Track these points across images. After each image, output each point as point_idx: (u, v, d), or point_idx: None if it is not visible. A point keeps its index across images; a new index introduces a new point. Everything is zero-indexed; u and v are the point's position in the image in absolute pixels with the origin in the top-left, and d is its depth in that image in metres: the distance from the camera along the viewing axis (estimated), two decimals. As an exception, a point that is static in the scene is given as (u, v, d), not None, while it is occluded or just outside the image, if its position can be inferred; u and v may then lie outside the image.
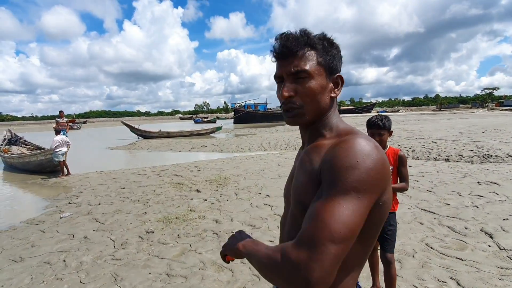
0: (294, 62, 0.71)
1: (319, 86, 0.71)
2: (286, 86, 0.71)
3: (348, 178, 0.57)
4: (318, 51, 0.72)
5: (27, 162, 8.25)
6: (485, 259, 2.54)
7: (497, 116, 25.24)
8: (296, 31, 0.74)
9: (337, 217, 0.54)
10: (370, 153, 0.59)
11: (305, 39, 0.72)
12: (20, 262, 2.95)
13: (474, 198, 4.14)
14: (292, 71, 0.71)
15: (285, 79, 0.72)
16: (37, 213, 4.61)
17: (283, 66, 0.73)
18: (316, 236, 0.54)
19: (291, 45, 0.71)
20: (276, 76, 0.76)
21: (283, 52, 0.72)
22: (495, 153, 7.30)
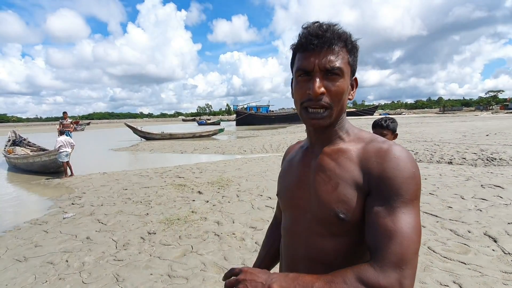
0: (329, 57, 0.64)
1: (346, 86, 0.68)
2: (319, 82, 0.64)
3: (411, 189, 0.58)
4: (348, 50, 0.68)
5: (31, 163, 8.32)
6: (489, 263, 2.51)
7: (502, 119, 25.08)
8: (329, 23, 0.67)
9: (414, 229, 0.56)
10: (414, 160, 0.62)
11: (341, 34, 0.66)
12: (24, 261, 2.97)
13: (478, 202, 4.11)
14: (327, 67, 0.64)
15: (316, 73, 0.65)
16: (41, 214, 4.65)
17: (316, 59, 0.64)
18: (403, 254, 0.54)
19: (330, 36, 0.64)
20: (300, 69, 0.67)
21: (320, 42, 0.64)
22: (499, 156, 7.24)
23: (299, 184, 0.76)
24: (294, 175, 0.79)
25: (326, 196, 0.68)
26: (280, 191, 0.84)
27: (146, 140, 18.64)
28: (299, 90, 0.68)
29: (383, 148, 0.64)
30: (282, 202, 0.83)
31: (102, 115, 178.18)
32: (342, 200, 0.65)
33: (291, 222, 0.78)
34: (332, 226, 0.67)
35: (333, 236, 0.68)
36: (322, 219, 0.69)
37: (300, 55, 0.68)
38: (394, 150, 0.63)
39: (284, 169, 0.86)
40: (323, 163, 0.71)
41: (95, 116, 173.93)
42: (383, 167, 0.61)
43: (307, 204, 0.73)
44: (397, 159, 0.61)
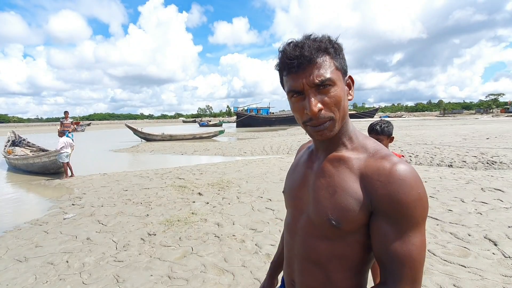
0: (314, 72, 0.64)
1: (342, 92, 0.67)
2: (313, 100, 0.64)
3: (417, 212, 0.60)
4: (331, 55, 0.67)
5: (31, 164, 8.33)
6: (489, 266, 2.51)
7: (502, 123, 25.09)
8: (304, 38, 0.67)
9: (421, 250, 0.60)
10: (419, 178, 0.62)
11: (318, 44, 0.65)
12: (24, 262, 2.98)
13: (478, 205, 4.11)
14: (316, 82, 0.64)
15: (308, 92, 0.65)
16: (41, 214, 4.65)
17: (302, 78, 0.64)
18: (415, 276, 0.60)
19: (309, 53, 0.64)
20: (291, 90, 0.67)
21: (300, 63, 0.64)
22: (499, 159, 7.25)
23: (301, 185, 0.78)
24: (298, 175, 0.81)
25: (322, 201, 0.69)
26: (285, 189, 0.88)
27: (146, 141, 18.65)
28: (297, 110, 0.69)
29: (386, 167, 0.63)
30: (286, 200, 0.86)
31: (103, 116, 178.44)
32: (337, 208, 0.66)
33: (291, 220, 0.81)
34: (325, 230, 0.69)
35: (326, 239, 0.70)
36: (316, 222, 0.71)
37: (286, 77, 0.68)
38: (398, 171, 0.61)
39: (292, 167, 0.89)
40: (325, 168, 0.72)
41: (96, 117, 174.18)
42: (388, 190, 0.61)
43: (305, 206, 0.75)
44: (402, 181, 0.60)
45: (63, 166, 7.62)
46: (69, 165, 7.67)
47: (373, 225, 0.64)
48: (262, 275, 2.52)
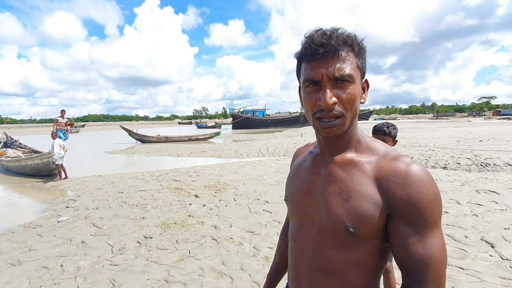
0: (336, 65, 0.62)
1: (358, 92, 0.66)
2: (329, 92, 0.63)
3: (435, 212, 0.60)
4: (355, 53, 0.65)
5: (23, 166, 8.18)
6: (487, 269, 2.53)
7: (494, 125, 25.47)
8: (332, 29, 0.65)
9: (442, 251, 0.60)
10: (433, 178, 0.62)
11: (346, 38, 0.64)
12: (18, 265, 2.91)
13: (473, 207, 4.14)
14: (336, 75, 0.62)
15: (325, 83, 0.63)
16: (35, 217, 4.57)
17: (323, 68, 0.62)
18: (440, 278, 0.59)
19: (336, 44, 0.62)
20: (308, 79, 0.65)
21: (326, 52, 0.62)
22: (493, 161, 7.34)
23: (308, 191, 0.74)
24: (302, 181, 0.77)
25: (336, 208, 0.66)
26: (287, 196, 0.82)
27: (142, 143, 18.51)
28: (309, 101, 0.66)
29: (402, 168, 0.62)
30: (289, 207, 0.80)
31: (97, 117, 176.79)
32: (353, 214, 0.64)
33: (299, 229, 0.76)
34: (340, 238, 0.66)
35: (341, 247, 0.66)
36: (331, 230, 0.67)
37: (306, 65, 0.66)
38: (414, 172, 0.61)
39: (292, 173, 0.84)
40: (334, 173, 0.69)
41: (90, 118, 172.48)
42: (406, 191, 0.60)
43: (316, 213, 0.71)
44: (420, 181, 0.60)
45: (57, 168, 7.50)
46: (62, 167, 7.56)
47: (392, 228, 0.62)
48: (261, 278, 2.50)
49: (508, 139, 11.84)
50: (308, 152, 0.83)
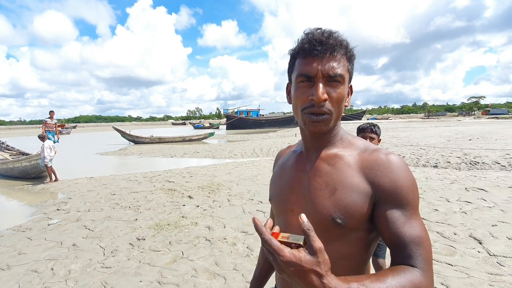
0: (331, 64, 0.65)
1: (345, 93, 0.69)
2: (322, 88, 0.65)
3: (415, 195, 0.65)
4: (347, 57, 0.69)
5: (10, 168, 7.99)
6: (474, 265, 2.58)
7: (484, 124, 26.00)
8: (330, 30, 0.68)
9: (425, 230, 0.64)
10: (408, 166, 0.67)
11: (341, 41, 0.67)
12: (7, 270, 2.86)
13: (462, 204, 4.23)
14: (330, 74, 0.65)
15: (319, 80, 0.65)
16: (24, 220, 4.48)
17: (319, 65, 0.65)
18: (429, 256, 0.62)
19: (333, 43, 0.66)
20: (302, 74, 0.67)
21: (323, 49, 0.65)
22: (482, 160, 7.50)
23: (293, 189, 0.75)
24: (287, 179, 0.78)
25: (323, 201, 0.68)
26: (272, 196, 0.82)
27: (134, 144, 18.33)
28: (301, 96, 0.68)
29: (383, 158, 0.67)
30: (275, 207, 0.81)
31: (89, 118, 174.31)
32: (341, 205, 0.66)
33: (285, 228, 0.76)
34: (328, 232, 0.67)
35: (329, 241, 0.66)
36: (318, 224, 0.67)
37: (301, 60, 0.68)
38: (394, 160, 0.66)
39: (276, 173, 0.85)
40: (319, 167, 0.72)
41: (82, 119, 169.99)
42: (390, 177, 0.65)
43: (302, 209, 0.72)
44: (400, 168, 0.65)
45: (47, 170, 7.38)
46: (52, 169, 7.43)
47: (380, 214, 0.65)
48: (254, 278, 2.51)
49: (496, 138, 12.12)
50: (291, 152, 0.85)
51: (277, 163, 0.89)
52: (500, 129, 18.14)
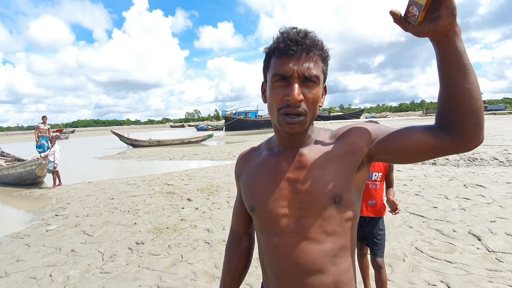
0: (306, 64, 0.65)
1: (320, 94, 0.70)
2: (298, 88, 0.65)
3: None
4: (322, 58, 0.69)
5: (5, 175, 7.92)
6: (474, 261, 2.58)
7: (481, 121, 25.96)
8: (305, 30, 0.68)
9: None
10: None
11: (317, 41, 0.68)
12: (5, 277, 2.84)
13: (461, 201, 4.23)
14: (305, 74, 0.65)
15: (294, 80, 0.65)
16: (22, 226, 4.46)
17: (295, 65, 0.65)
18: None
19: (310, 43, 0.66)
20: (278, 74, 0.66)
21: (300, 49, 0.65)
22: (480, 156, 7.51)
23: (282, 193, 0.73)
24: (272, 185, 0.75)
25: (319, 189, 0.70)
26: (255, 205, 0.77)
27: (133, 148, 18.30)
28: (276, 96, 0.68)
29: (346, 127, 0.77)
30: (262, 216, 0.76)
31: (87, 123, 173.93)
32: (336, 186, 0.69)
33: (278, 234, 0.73)
34: (326, 215, 0.69)
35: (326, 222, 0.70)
36: (318, 213, 0.69)
37: (277, 59, 0.67)
38: (353, 124, 0.77)
39: (252, 180, 0.80)
40: (304, 163, 0.73)
41: (80, 123, 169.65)
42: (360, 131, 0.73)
43: (296, 211, 0.71)
44: (358, 124, 0.76)
45: (55, 174, 7.38)
46: (58, 173, 7.42)
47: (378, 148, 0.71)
48: (254, 281, 2.50)
49: (494, 134, 12.15)
50: (263, 154, 0.82)
51: (246, 168, 0.84)
52: (497, 125, 18.22)
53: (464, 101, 0.57)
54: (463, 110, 0.58)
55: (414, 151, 0.66)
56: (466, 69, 0.56)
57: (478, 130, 0.58)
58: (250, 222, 0.91)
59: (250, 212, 0.80)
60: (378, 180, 2.01)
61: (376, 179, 2.01)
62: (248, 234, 0.94)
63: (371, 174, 2.01)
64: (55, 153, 7.38)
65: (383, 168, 2.02)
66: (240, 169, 0.86)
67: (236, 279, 0.92)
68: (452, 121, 0.60)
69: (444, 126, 0.62)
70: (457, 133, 0.60)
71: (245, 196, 0.81)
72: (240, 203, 0.89)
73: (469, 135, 0.59)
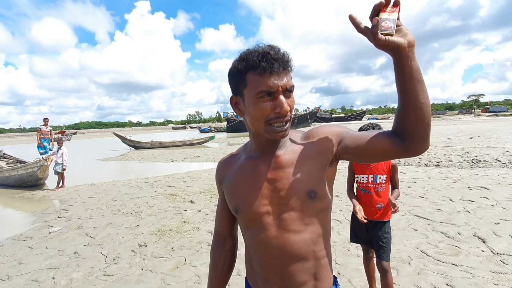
0: (286, 78, 0.74)
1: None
2: (285, 101, 0.74)
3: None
4: (291, 69, 0.79)
5: (6, 177, 7.93)
6: (479, 264, 2.56)
7: (484, 122, 25.97)
8: (276, 46, 0.77)
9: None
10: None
11: (290, 57, 0.77)
12: (7, 280, 2.83)
13: (466, 203, 4.20)
14: (287, 87, 0.74)
15: (279, 93, 0.74)
16: (25, 229, 4.46)
17: (278, 81, 0.73)
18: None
19: (287, 60, 0.75)
20: (264, 90, 0.73)
21: (282, 66, 0.74)
22: (483, 158, 7.47)
23: (263, 192, 0.81)
24: (253, 186, 0.82)
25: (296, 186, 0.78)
26: (239, 206, 0.84)
27: (135, 149, 18.33)
28: (264, 109, 0.74)
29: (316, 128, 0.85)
30: (246, 215, 0.83)
31: (89, 124, 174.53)
32: (311, 181, 0.78)
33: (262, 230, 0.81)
34: (303, 209, 0.78)
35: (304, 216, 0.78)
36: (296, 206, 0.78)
37: (259, 77, 0.73)
38: (321, 125, 0.87)
39: (235, 183, 0.87)
40: (281, 163, 0.81)
41: (82, 125, 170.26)
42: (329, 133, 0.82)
43: (277, 207, 0.79)
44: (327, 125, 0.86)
45: (60, 176, 7.41)
46: (63, 175, 7.46)
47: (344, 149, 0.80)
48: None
49: (497, 136, 12.09)
50: (242, 159, 0.90)
51: (228, 173, 0.91)
52: (500, 127, 18.12)
53: (419, 114, 0.66)
54: (418, 122, 0.67)
55: (373, 154, 0.76)
56: (423, 84, 0.66)
57: (426, 139, 0.70)
58: (233, 224, 0.99)
59: (235, 213, 0.87)
60: (383, 183, 1.99)
61: (381, 182, 1.99)
62: (231, 235, 1.01)
63: (376, 177, 1.99)
64: (63, 155, 7.43)
65: (387, 170, 2.00)
66: (222, 175, 0.93)
67: (222, 279, 1.00)
68: (408, 131, 0.69)
69: (400, 133, 0.71)
70: (411, 141, 0.70)
71: (229, 199, 0.88)
72: (223, 207, 0.96)
73: (419, 142, 0.70)
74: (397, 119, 0.71)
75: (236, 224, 1.00)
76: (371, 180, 2.00)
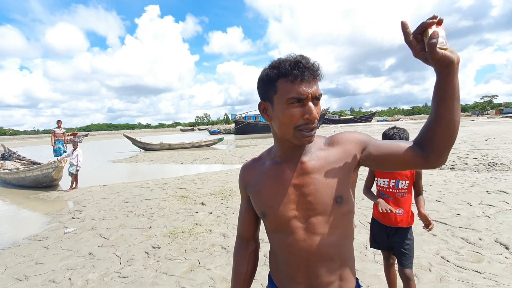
0: (315, 87, 0.77)
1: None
2: (314, 109, 0.77)
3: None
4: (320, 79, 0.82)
5: (22, 178, 8.11)
6: (503, 271, 2.46)
7: (498, 124, 25.28)
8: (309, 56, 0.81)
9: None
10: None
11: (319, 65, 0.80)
12: (25, 280, 2.87)
13: (485, 208, 4.07)
14: (316, 95, 0.77)
15: (309, 101, 0.77)
16: (40, 229, 4.54)
17: (308, 88, 0.76)
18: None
19: (317, 69, 0.78)
20: (294, 97, 0.76)
21: (312, 75, 0.77)
22: (500, 161, 7.25)
23: (291, 197, 0.83)
24: (280, 191, 0.85)
25: (323, 191, 0.81)
26: (268, 211, 0.86)
27: (145, 151, 18.54)
28: (293, 116, 0.77)
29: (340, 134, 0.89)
30: (274, 220, 0.86)
31: (100, 127, 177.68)
32: (337, 188, 0.81)
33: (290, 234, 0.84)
34: (331, 212, 0.81)
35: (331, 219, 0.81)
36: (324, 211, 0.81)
37: (290, 84, 0.76)
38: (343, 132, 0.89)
39: (261, 190, 0.89)
40: (307, 169, 0.83)
41: (93, 127, 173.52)
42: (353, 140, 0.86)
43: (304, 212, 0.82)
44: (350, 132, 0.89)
45: (72, 177, 7.55)
46: (77, 176, 7.60)
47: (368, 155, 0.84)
48: None
49: (514, 138, 11.71)
50: (268, 164, 0.91)
51: (252, 178, 0.93)
52: (517, 128, 17.58)
53: (451, 130, 0.69)
54: (447, 138, 0.70)
55: (393, 163, 0.81)
56: (459, 102, 0.68)
57: (448, 154, 0.74)
58: (257, 227, 1.02)
59: (262, 217, 0.90)
60: (405, 189, 1.93)
61: (402, 188, 1.93)
62: (254, 238, 1.04)
63: (397, 182, 1.93)
64: (78, 157, 7.58)
65: (410, 176, 1.94)
66: (247, 180, 0.95)
67: (246, 281, 1.01)
68: (434, 145, 0.72)
69: (425, 145, 0.75)
70: (433, 154, 0.73)
71: (256, 204, 0.91)
72: (247, 210, 0.99)
73: (440, 158, 0.73)
74: (425, 131, 0.73)
75: (259, 227, 1.03)
76: (392, 184, 1.94)
